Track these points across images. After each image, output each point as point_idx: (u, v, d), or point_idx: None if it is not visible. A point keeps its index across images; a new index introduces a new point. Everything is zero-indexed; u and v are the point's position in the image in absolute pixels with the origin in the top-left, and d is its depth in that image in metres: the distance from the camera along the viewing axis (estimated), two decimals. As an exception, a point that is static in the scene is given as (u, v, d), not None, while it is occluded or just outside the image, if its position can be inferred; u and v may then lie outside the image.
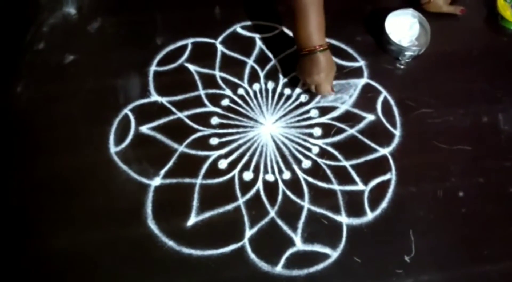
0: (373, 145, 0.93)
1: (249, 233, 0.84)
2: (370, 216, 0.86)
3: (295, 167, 0.90)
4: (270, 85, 0.99)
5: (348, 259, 0.83)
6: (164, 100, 0.96)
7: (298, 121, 0.96)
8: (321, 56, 0.88)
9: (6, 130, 0.93)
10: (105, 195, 0.87)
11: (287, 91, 0.99)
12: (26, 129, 0.94)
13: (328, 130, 0.94)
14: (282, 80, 1.00)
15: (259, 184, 0.88)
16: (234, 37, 1.05)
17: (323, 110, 0.97)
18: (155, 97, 0.96)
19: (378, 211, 0.87)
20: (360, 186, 0.89)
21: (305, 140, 0.93)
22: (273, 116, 0.96)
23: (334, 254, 0.83)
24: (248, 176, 0.89)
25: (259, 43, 1.04)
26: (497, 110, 0.99)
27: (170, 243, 0.83)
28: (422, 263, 0.83)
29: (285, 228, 0.85)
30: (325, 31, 0.89)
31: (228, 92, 0.98)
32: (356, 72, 1.01)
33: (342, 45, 1.04)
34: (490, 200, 0.90)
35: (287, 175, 0.90)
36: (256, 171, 0.90)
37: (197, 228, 0.84)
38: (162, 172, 0.89)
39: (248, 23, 1.06)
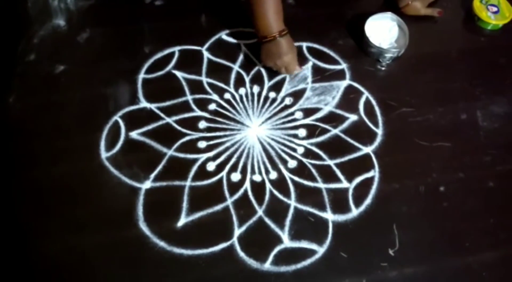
0: (356, 144, 0.96)
1: (238, 232, 0.86)
2: (354, 212, 0.89)
3: (281, 167, 0.93)
4: (256, 89, 1.02)
5: (335, 254, 0.85)
6: (152, 106, 0.99)
7: (283, 123, 0.98)
8: (283, 40, 0.94)
9: (-1, 140, 0.96)
10: (97, 199, 0.89)
11: (272, 94, 1.02)
12: (19, 138, 0.96)
13: (312, 131, 0.97)
14: (267, 84, 1.03)
15: (247, 184, 0.91)
16: (219, 44, 1.08)
17: (307, 112, 1.00)
18: (144, 103, 0.99)
19: (362, 207, 0.90)
20: (344, 184, 0.92)
21: (290, 141, 0.96)
22: (259, 119, 0.99)
23: (320, 250, 0.86)
24: (236, 177, 0.92)
25: (243, 49, 1.07)
26: (476, 107, 1.02)
27: (162, 244, 0.85)
28: (406, 256, 0.85)
29: (272, 226, 0.87)
30: (283, 15, 0.94)
31: (215, 97, 1.01)
32: (339, 75, 1.04)
33: (325, 49, 1.08)
34: (470, 194, 0.93)
35: (273, 175, 0.92)
36: (243, 172, 0.92)
37: (187, 229, 0.87)
38: (152, 175, 0.91)
39: (233, 30, 1.09)
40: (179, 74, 1.03)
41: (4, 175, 0.92)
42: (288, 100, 1.01)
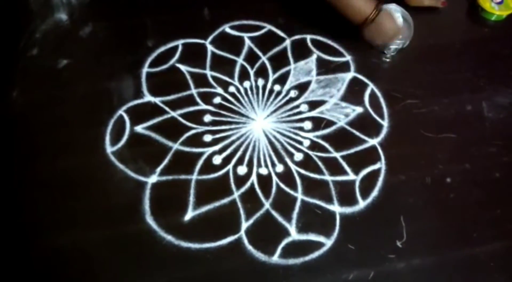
0: (362, 136, 0.96)
1: (245, 225, 0.86)
2: (362, 204, 0.89)
3: (288, 159, 0.93)
4: (260, 82, 1.02)
5: (342, 247, 0.85)
6: (157, 100, 0.98)
7: (289, 116, 0.98)
8: (382, 15, 0.95)
9: (2, 135, 0.95)
10: (103, 193, 0.89)
11: (277, 87, 1.01)
12: (22, 133, 0.96)
13: (318, 123, 0.97)
14: (272, 77, 1.02)
15: (253, 178, 0.91)
16: (223, 37, 1.07)
17: (313, 105, 0.99)
18: (148, 97, 0.99)
19: (369, 199, 0.89)
20: (351, 176, 0.92)
21: (296, 134, 0.96)
22: (264, 112, 0.98)
23: (328, 242, 0.85)
24: (242, 170, 0.92)
25: (248, 42, 1.06)
26: (481, 98, 1.02)
27: (169, 238, 0.85)
28: (414, 247, 0.85)
29: (280, 219, 0.87)
30: None
31: (219, 90, 1.00)
32: (343, 67, 1.04)
33: (329, 41, 1.08)
34: (477, 185, 0.92)
35: (280, 168, 0.92)
36: (249, 165, 0.92)
37: (194, 222, 0.86)
38: (158, 169, 0.91)
39: (236, 23, 1.09)
40: (183, 67, 1.02)
41: (8, 170, 0.91)
42: (293, 93, 1.01)
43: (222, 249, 0.84)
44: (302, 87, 1.01)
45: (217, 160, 0.92)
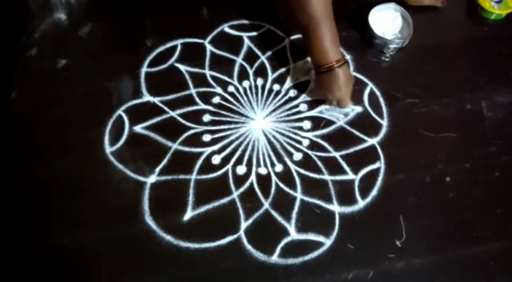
0: (361, 136, 0.96)
1: (244, 224, 0.86)
2: (361, 204, 0.89)
3: (287, 159, 0.93)
4: (259, 81, 1.02)
5: (342, 246, 0.85)
6: (156, 100, 0.98)
7: (288, 115, 0.98)
8: (340, 71, 0.87)
9: (1, 135, 0.95)
10: (103, 193, 0.89)
11: (276, 87, 1.01)
12: (22, 133, 0.95)
13: (317, 123, 0.97)
14: (271, 76, 1.02)
15: (253, 177, 0.91)
16: (222, 36, 1.07)
17: (312, 104, 0.99)
18: (147, 97, 0.99)
19: (368, 199, 0.89)
20: (350, 175, 0.92)
21: (295, 133, 0.96)
22: (264, 112, 0.98)
23: (327, 242, 0.85)
24: (241, 170, 0.91)
25: (247, 42, 1.06)
26: (480, 97, 1.02)
27: (168, 238, 0.85)
28: (413, 247, 0.85)
29: (279, 218, 0.87)
30: (339, 43, 0.88)
31: (218, 90, 1.00)
32: (343, 66, 1.04)
33: (328, 41, 1.07)
34: (476, 184, 0.92)
35: (279, 167, 0.92)
36: (249, 164, 0.92)
37: (193, 222, 0.86)
38: (157, 169, 0.91)
39: (235, 22, 1.08)
40: (182, 67, 1.02)
41: (7, 171, 0.91)
42: (292, 93, 1.00)
43: (221, 248, 0.84)
44: (301, 87, 1.01)
45: (216, 159, 0.92)
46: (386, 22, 1.06)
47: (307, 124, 0.97)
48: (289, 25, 1.05)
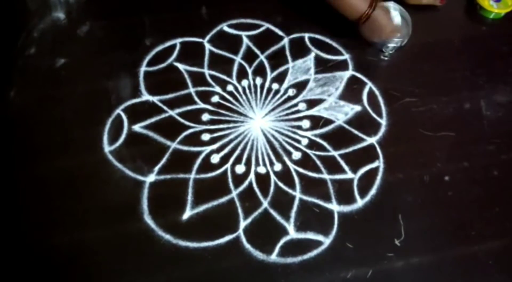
0: (360, 135, 0.96)
1: (243, 224, 0.86)
2: (360, 203, 0.89)
3: (286, 158, 0.93)
4: (258, 81, 1.02)
5: (341, 245, 0.85)
6: (155, 99, 0.98)
7: (287, 114, 0.98)
8: (377, 13, 0.96)
9: (0, 134, 0.95)
10: (102, 192, 0.89)
11: (275, 86, 1.01)
12: (20, 133, 0.95)
13: (316, 122, 0.97)
14: (270, 75, 1.02)
15: (251, 176, 0.91)
16: (221, 35, 1.07)
17: (311, 103, 0.99)
18: (146, 96, 0.99)
19: (367, 198, 0.89)
20: (349, 175, 0.92)
21: (294, 132, 0.96)
22: (263, 111, 0.98)
23: (326, 241, 0.85)
24: (240, 169, 0.91)
25: (245, 41, 1.06)
26: (479, 96, 1.02)
27: (167, 237, 0.85)
28: (412, 246, 0.85)
29: (278, 217, 0.87)
30: None
31: (217, 89, 1.00)
32: (341, 65, 1.04)
33: (327, 40, 1.07)
34: (475, 183, 0.92)
35: (278, 166, 0.92)
36: (248, 164, 0.92)
37: (192, 221, 0.86)
38: (156, 168, 0.91)
39: (234, 21, 1.08)
40: (181, 66, 1.02)
41: (6, 170, 0.91)
42: (291, 92, 1.00)
43: (220, 248, 0.84)
44: (300, 86, 1.01)
45: (215, 158, 0.92)
46: (385, 21, 1.06)
47: (306, 123, 0.97)
48: None
